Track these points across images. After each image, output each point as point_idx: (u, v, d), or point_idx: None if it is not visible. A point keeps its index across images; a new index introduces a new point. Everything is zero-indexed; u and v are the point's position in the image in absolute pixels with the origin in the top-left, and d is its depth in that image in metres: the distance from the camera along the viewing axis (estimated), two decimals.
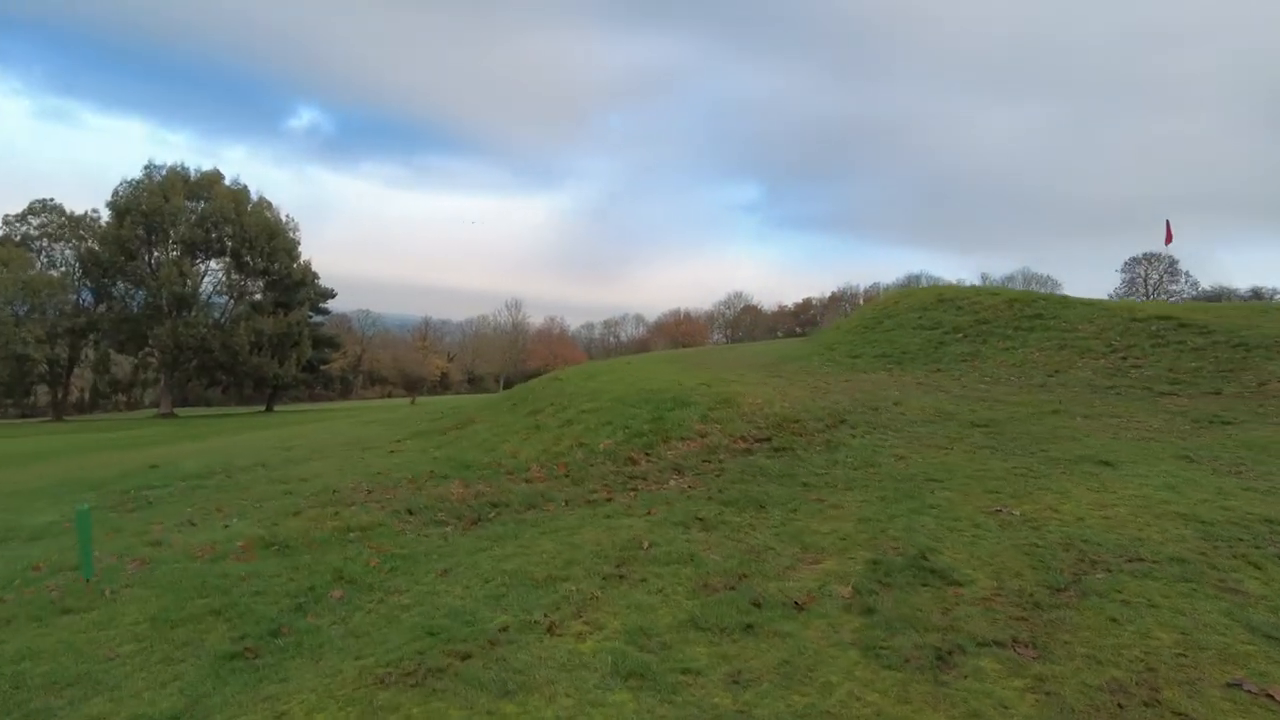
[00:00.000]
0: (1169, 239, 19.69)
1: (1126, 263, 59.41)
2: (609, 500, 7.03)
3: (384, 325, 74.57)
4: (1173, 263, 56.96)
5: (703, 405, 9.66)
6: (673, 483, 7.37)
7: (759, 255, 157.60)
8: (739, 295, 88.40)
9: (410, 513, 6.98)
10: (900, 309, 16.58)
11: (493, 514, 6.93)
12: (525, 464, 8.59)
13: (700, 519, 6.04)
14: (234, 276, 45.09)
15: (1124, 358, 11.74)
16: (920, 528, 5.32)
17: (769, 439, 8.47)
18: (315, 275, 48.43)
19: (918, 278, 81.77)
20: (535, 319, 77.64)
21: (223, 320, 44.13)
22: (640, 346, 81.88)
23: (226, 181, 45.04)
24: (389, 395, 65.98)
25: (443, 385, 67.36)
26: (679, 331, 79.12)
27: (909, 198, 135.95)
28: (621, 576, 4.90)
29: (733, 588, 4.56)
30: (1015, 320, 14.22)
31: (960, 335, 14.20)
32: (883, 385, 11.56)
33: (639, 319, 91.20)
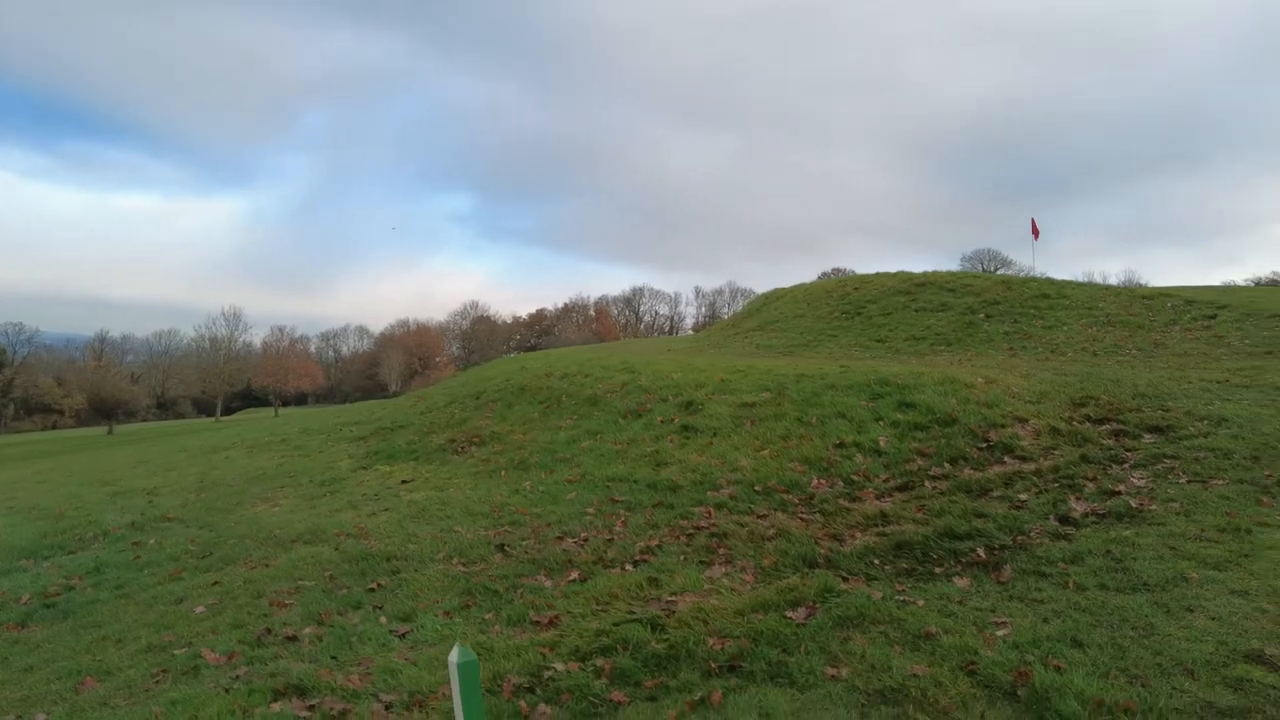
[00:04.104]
0: (1036, 234, 20.63)
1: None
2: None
3: (42, 343, 58.07)
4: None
5: (933, 389, 6.50)
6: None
7: (476, 267, 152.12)
8: (474, 305, 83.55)
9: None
10: (878, 292, 14.72)
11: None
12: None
13: None
14: None
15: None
16: None
17: (1107, 420, 5.58)
18: None
19: (641, 290, 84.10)
20: (247, 334, 64.36)
21: None
22: (369, 361, 73.37)
23: None
24: (53, 426, 50.91)
25: (126, 413, 53.28)
26: (413, 343, 72.24)
27: (620, 215, 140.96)
28: None
29: None
30: (1024, 300, 12.99)
31: (984, 316, 12.60)
32: (1009, 363, 9.29)
33: (363, 330, 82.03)
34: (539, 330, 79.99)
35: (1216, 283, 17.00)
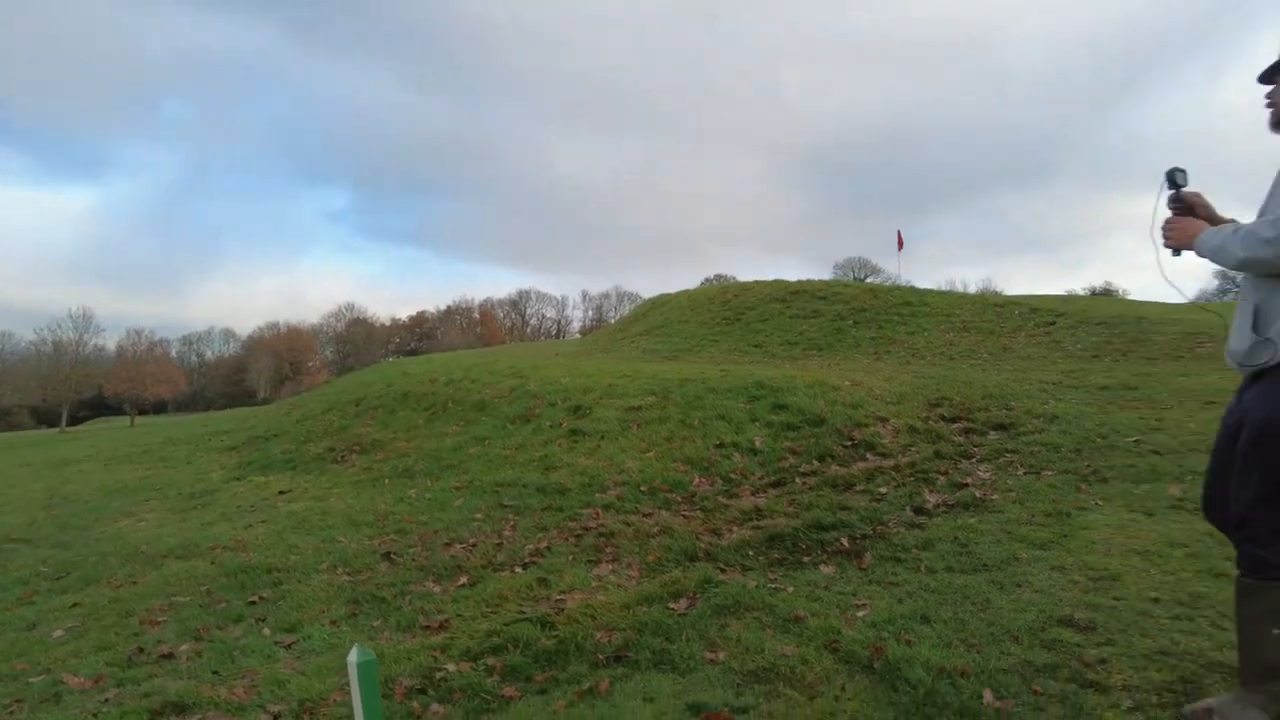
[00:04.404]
0: (900, 245, 22.07)
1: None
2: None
3: None
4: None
5: (804, 392, 6.96)
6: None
7: (353, 267, 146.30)
8: (350, 307, 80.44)
9: None
10: (755, 299, 15.36)
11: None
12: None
13: None
14: None
15: None
16: None
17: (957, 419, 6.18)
18: None
19: (527, 293, 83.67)
20: (99, 338, 58.69)
21: None
22: (236, 366, 69.37)
23: None
24: None
25: None
26: (283, 347, 68.84)
27: (506, 216, 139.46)
28: None
29: None
30: (888, 308, 13.93)
31: (852, 322, 13.42)
32: (877, 367, 9.97)
33: (229, 334, 77.41)
34: (420, 333, 78.08)
35: (1062, 291, 18.73)
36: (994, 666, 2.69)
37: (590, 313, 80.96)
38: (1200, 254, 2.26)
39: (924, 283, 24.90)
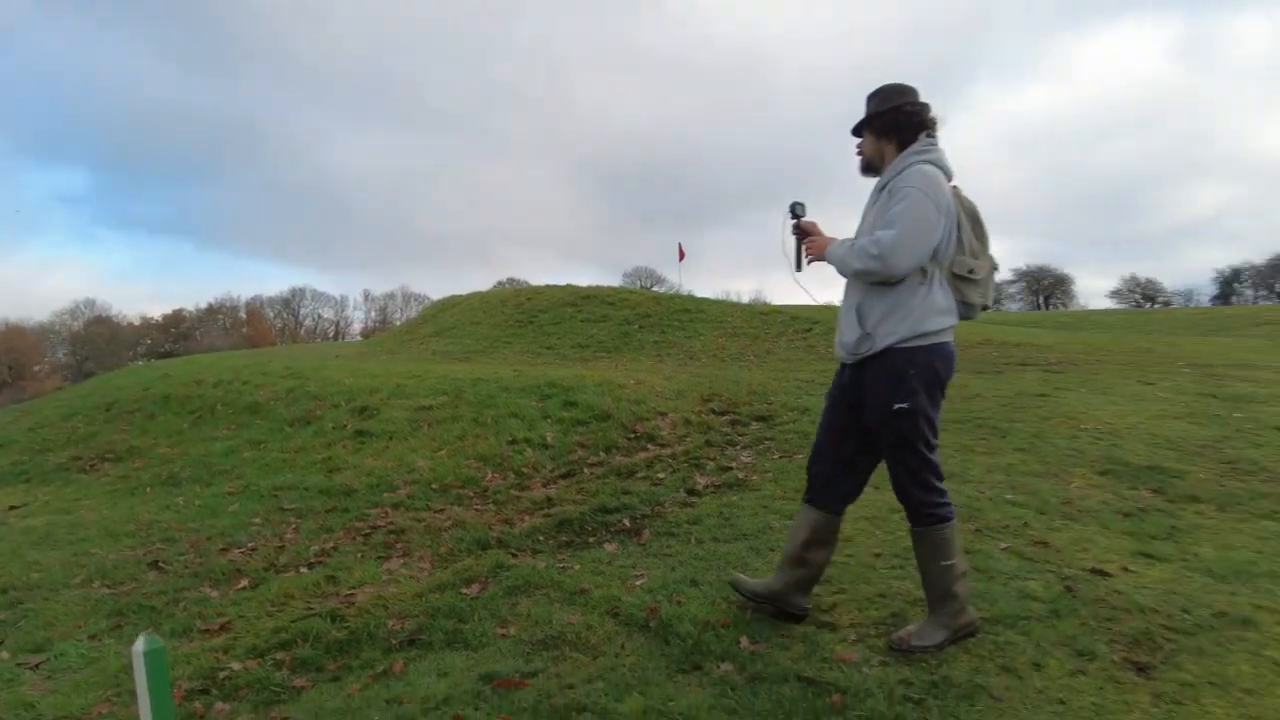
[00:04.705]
0: (681, 256, 23.40)
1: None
2: None
3: None
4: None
5: (593, 390, 7.40)
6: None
7: (94, 258, 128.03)
8: (90, 303, 70.55)
9: None
10: (548, 303, 15.67)
11: None
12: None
13: None
14: None
15: None
16: None
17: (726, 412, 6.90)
18: None
19: (302, 292, 78.25)
20: None
21: None
22: None
23: None
24: None
25: None
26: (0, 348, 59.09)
27: (279, 210, 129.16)
28: None
29: None
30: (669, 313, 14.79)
31: (638, 326, 14.15)
32: (659, 368, 10.65)
33: None
34: (176, 334, 70.39)
35: (822, 303, 20.82)
36: (750, 618, 3.13)
37: (374, 314, 77.23)
38: (830, 263, 2.83)
39: (703, 292, 26.53)
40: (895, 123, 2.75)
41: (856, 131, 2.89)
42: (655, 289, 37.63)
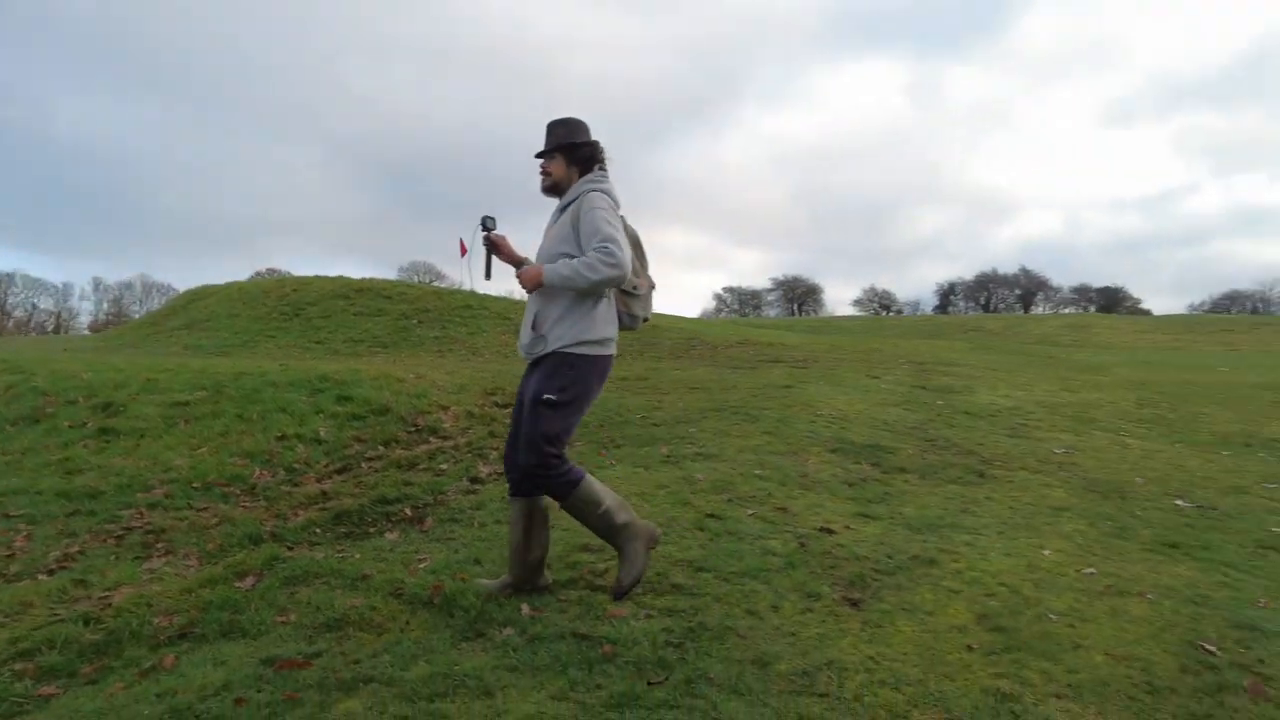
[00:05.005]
0: (463, 252, 23.19)
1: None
2: None
3: None
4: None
5: (370, 384, 7.36)
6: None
7: None
8: None
9: None
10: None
11: None
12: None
13: None
14: None
15: None
16: None
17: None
18: None
19: (12, 277, 67.17)
20: None
21: None
22: None
23: None
24: None
25: None
26: None
27: None
28: None
29: None
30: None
31: (416, 321, 13.94)
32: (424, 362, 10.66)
33: None
34: None
35: None
36: (530, 587, 3.38)
37: (106, 305, 68.02)
38: (553, 283, 3.02)
39: (486, 289, 26.34)
40: (589, 155, 3.17)
41: (541, 155, 3.22)
42: (434, 284, 36.71)
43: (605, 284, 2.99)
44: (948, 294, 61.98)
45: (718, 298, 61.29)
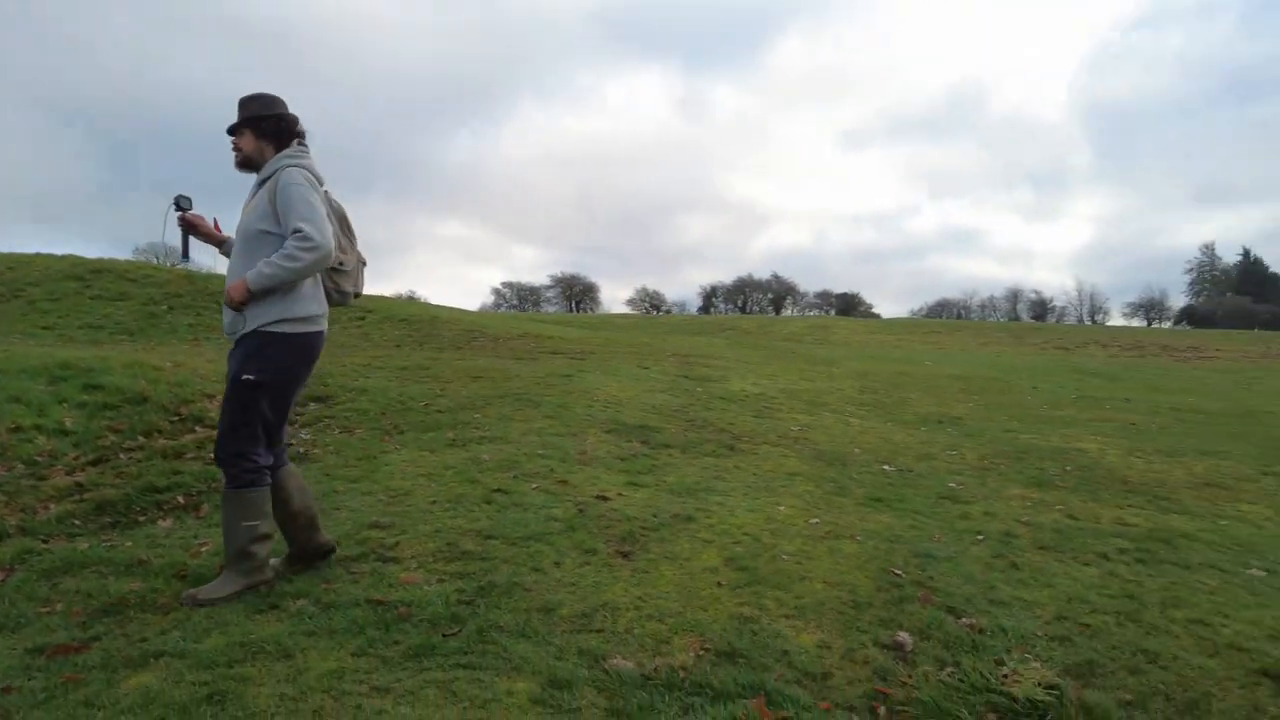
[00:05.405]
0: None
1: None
2: None
3: None
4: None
5: (122, 372, 6.88)
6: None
7: None
8: None
9: None
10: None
11: None
12: None
13: None
14: None
15: None
16: None
17: None
18: None
19: None
20: None
21: None
22: None
23: None
24: None
25: None
26: None
27: None
28: None
29: None
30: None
31: (167, 307, 12.86)
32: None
33: None
34: None
35: (374, 294, 21.01)
36: (320, 564, 3.49)
37: None
38: (264, 286, 2.93)
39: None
40: (278, 129, 3.09)
41: (231, 131, 3.11)
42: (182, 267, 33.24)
43: (311, 269, 2.95)
44: (710, 296, 66.54)
45: (496, 292, 61.24)
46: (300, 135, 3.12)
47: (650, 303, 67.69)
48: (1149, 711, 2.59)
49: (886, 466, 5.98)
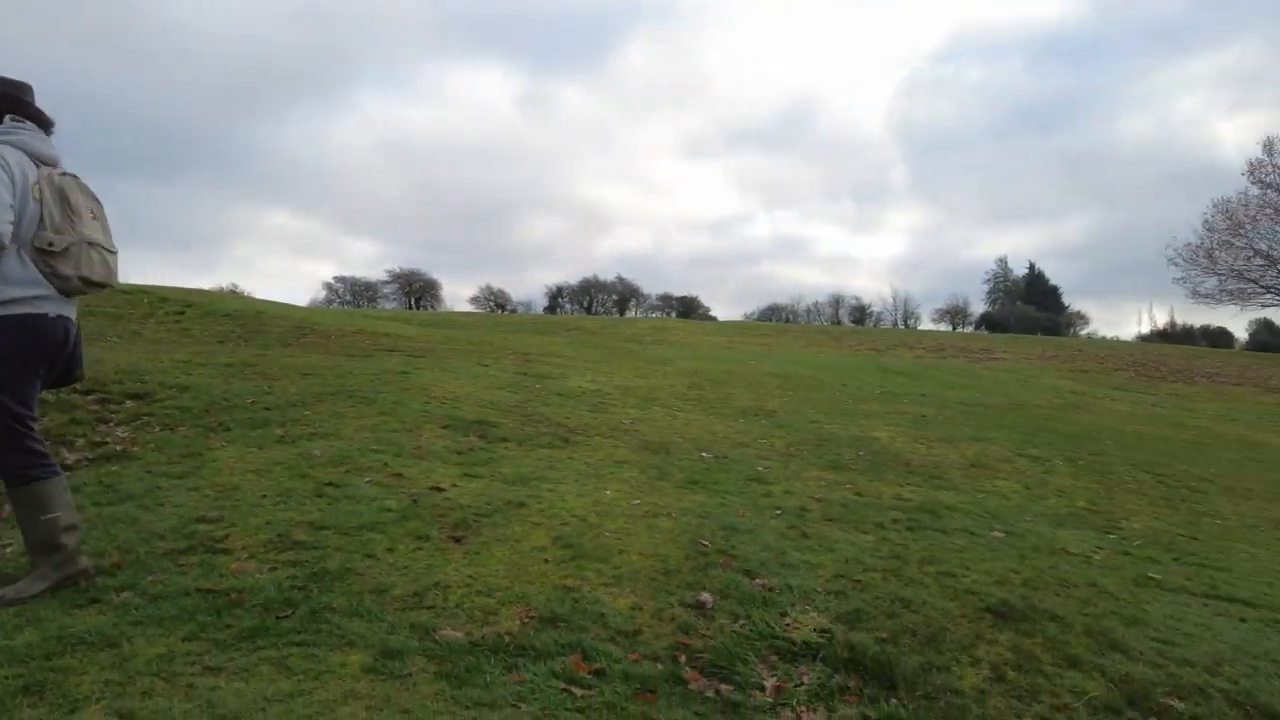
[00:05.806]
0: None
1: None
2: None
3: None
4: None
5: None
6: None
7: None
8: None
9: None
10: None
11: None
12: None
13: None
14: None
15: None
16: None
17: None
18: None
19: None
20: None
21: None
22: None
23: None
24: None
25: None
26: None
27: None
28: None
29: None
30: None
31: None
32: None
33: None
34: None
35: (193, 286, 19.58)
36: (143, 556, 3.48)
37: None
38: None
39: None
40: None
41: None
42: None
43: None
44: (556, 296, 66.81)
45: (329, 287, 58.26)
46: (16, 110, 2.98)
47: (495, 301, 66.94)
48: (899, 645, 3.15)
49: (705, 454, 6.52)
